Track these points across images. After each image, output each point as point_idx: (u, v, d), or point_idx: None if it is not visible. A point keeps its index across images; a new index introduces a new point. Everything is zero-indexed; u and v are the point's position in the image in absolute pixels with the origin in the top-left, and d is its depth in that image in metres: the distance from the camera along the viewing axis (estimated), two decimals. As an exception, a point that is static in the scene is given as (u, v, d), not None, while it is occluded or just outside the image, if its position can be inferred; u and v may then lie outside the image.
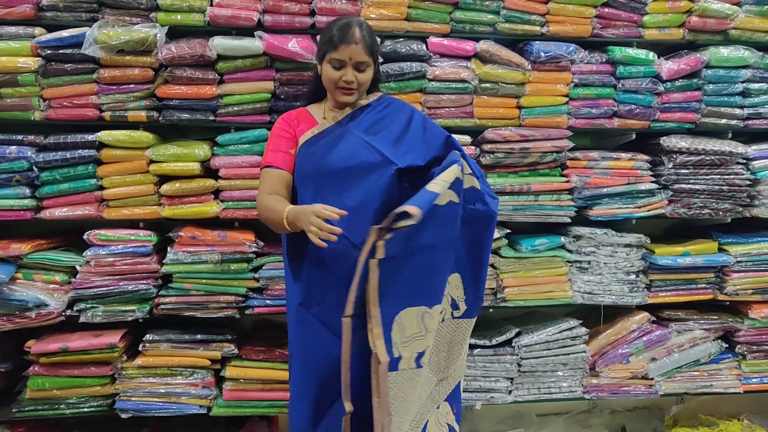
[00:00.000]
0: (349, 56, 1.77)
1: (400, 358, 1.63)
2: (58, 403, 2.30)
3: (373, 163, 1.73)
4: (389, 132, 1.81)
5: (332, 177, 1.74)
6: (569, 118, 2.51)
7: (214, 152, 2.33)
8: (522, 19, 2.45)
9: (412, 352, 1.65)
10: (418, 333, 1.66)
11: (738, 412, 2.96)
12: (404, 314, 1.63)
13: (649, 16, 2.52)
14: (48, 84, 2.23)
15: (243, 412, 2.41)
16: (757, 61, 2.56)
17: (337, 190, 1.73)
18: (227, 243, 2.31)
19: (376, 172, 1.72)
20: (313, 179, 1.78)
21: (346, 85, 1.80)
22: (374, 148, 1.75)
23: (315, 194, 1.75)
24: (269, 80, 2.32)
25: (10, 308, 2.23)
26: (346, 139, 1.80)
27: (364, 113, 1.87)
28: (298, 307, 1.79)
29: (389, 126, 1.83)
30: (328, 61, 1.80)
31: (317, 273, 1.76)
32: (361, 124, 1.83)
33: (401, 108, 1.92)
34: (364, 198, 1.70)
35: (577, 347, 2.54)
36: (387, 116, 1.87)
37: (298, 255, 1.82)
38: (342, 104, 1.87)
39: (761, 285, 2.61)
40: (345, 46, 1.76)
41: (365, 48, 1.78)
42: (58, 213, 2.27)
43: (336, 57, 1.77)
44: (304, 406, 1.78)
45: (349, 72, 1.78)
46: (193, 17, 2.27)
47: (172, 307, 2.32)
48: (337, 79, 1.79)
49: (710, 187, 2.54)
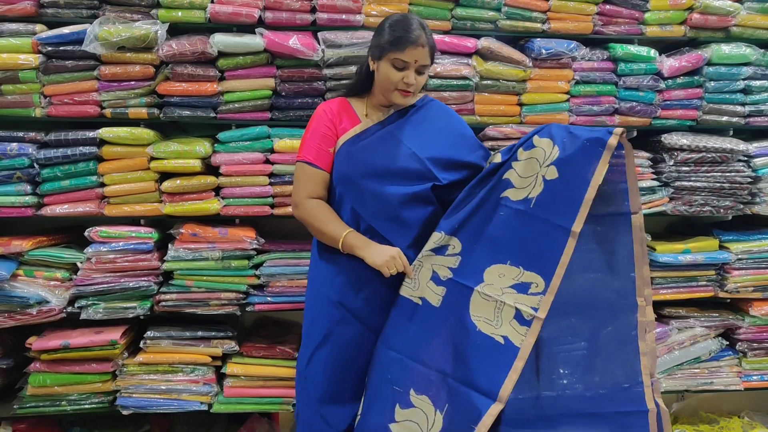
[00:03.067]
0: (415, 59, 1.73)
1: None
2: (60, 399, 2.30)
3: (415, 171, 1.76)
4: (430, 137, 1.82)
5: (373, 181, 1.75)
6: (570, 116, 2.51)
7: (215, 149, 2.33)
8: (523, 16, 2.44)
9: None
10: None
11: (738, 409, 2.95)
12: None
13: (650, 13, 2.52)
14: (49, 81, 2.23)
15: (244, 408, 2.41)
16: (758, 59, 2.55)
17: (376, 194, 1.74)
18: (228, 240, 2.31)
19: (416, 181, 1.75)
20: (352, 181, 1.78)
21: (406, 87, 1.76)
22: (416, 155, 1.77)
23: (354, 197, 1.77)
24: (270, 77, 2.32)
25: (11, 305, 2.24)
26: (390, 142, 1.79)
27: (408, 114, 1.86)
28: (337, 305, 1.79)
29: (430, 130, 1.84)
30: (390, 61, 1.75)
31: (355, 271, 1.78)
32: (404, 127, 1.83)
33: (443, 112, 1.93)
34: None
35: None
36: (428, 119, 1.87)
37: (328, 247, 1.82)
38: (391, 104, 1.85)
39: (762, 282, 2.61)
40: (413, 48, 1.72)
41: (429, 51, 1.76)
42: (59, 210, 2.28)
43: (401, 58, 1.73)
44: (328, 394, 1.80)
45: (411, 74, 1.75)
46: (194, 14, 2.27)
47: (173, 304, 2.32)
48: (398, 81, 1.75)
49: (711, 184, 2.53)
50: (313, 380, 1.82)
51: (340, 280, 1.80)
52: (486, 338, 1.64)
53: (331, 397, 1.80)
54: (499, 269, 1.67)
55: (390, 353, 1.73)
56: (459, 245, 1.72)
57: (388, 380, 1.71)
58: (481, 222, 1.71)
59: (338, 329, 1.79)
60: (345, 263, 1.79)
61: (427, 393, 1.67)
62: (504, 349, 1.62)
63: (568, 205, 1.61)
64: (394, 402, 1.69)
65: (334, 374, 1.80)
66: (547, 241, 1.62)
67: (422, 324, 1.71)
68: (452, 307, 1.69)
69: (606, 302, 1.68)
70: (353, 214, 1.79)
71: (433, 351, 1.69)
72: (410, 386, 1.68)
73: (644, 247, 1.67)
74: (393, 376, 1.70)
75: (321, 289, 1.85)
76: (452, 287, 1.70)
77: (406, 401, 1.68)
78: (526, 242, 1.65)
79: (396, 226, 1.76)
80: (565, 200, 1.61)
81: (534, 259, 1.64)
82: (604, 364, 1.69)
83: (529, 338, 1.60)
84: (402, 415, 1.68)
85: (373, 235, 1.77)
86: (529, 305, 1.62)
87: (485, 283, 1.67)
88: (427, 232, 1.79)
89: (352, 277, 1.79)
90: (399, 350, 1.72)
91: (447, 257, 1.72)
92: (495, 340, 1.63)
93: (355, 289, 1.79)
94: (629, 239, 1.66)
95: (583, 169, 1.60)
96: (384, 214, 1.76)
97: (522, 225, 1.66)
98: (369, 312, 1.79)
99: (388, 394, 1.70)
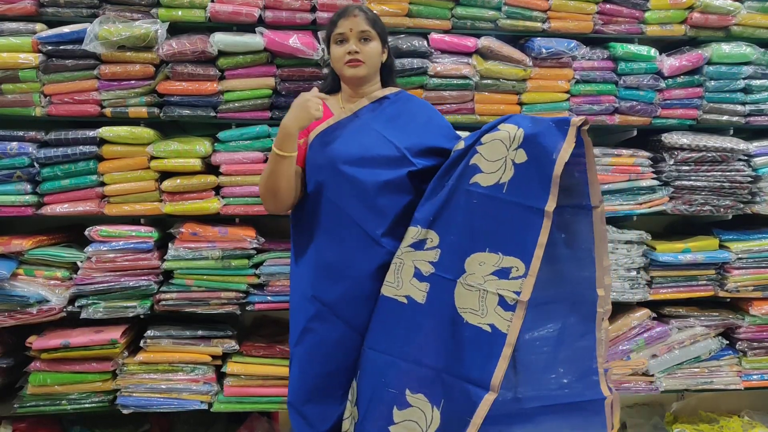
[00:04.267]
0: (350, 27, 1.77)
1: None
2: (60, 399, 2.30)
3: (390, 158, 1.74)
4: (408, 129, 1.81)
5: (348, 168, 1.74)
6: (570, 115, 2.51)
7: (215, 148, 2.33)
8: (523, 15, 2.44)
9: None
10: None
11: (738, 408, 2.96)
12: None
13: (650, 12, 2.51)
14: (49, 80, 2.23)
15: (244, 407, 2.41)
16: (759, 58, 2.55)
17: (351, 182, 1.73)
18: (228, 239, 2.31)
19: (392, 167, 1.73)
20: (327, 170, 1.76)
21: (351, 56, 1.77)
22: (392, 143, 1.75)
23: (330, 186, 1.75)
24: (270, 76, 2.32)
25: (12, 304, 2.24)
26: (364, 131, 1.79)
27: (383, 106, 1.85)
28: (312, 300, 1.77)
29: (409, 123, 1.83)
30: (333, 42, 1.80)
31: (330, 262, 1.76)
32: (379, 118, 1.82)
33: (421, 105, 1.92)
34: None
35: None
36: (406, 112, 1.86)
37: (305, 242, 1.81)
38: (354, 83, 1.84)
39: (762, 282, 2.61)
40: (344, 19, 1.77)
41: (366, 19, 1.78)
42: (59, 209, 2.28)
43: (338, 31, 1.78)
44: (309, 394, 1.78)
45: (353, 44, 1.77)
46: (194, 13, 2.27)
47: (173, 304, 2.32)
48: (343, 54, 1.78)
49: (711, 183, 2.53)
50: (292, 378, 1.81)
51: (315, 273, 1.78)
52: (473, 329, 1.64)
53: (310, 395, 1.77)
54: (479, 257, 1.66)
55: (382, 357, 1.72)
56: (437, 238, 1.71)
57: (382, 384, 1.70)
58: (455, 212, 1.70)
59: (314, 325, 1.77)
60: (318, 256, 1.77)
61: (423, 391, 1.67)
62: (492, 337, 1.62)
63: (539, 187, 1.61)
64: (392, 404, 1.69)
65: (312, 371, 1.77)
66: (522, 224, 1.63)
67: (410, 323, 1.70)
68: (438, 301, 1.69)
69: (569, 293, 1.71)
70: (329, 203, 1.76)
71: (424, 348, 1.69)
72: (405, 386, 1.68)
73: (605, 240, 1.70)
74: (387, 379, 1.70)
75: (299, 286, 1.83)
76: (435, 282, 1.70)
77: (403, 402, 1.68)
78: (502, 228, 1.66)
79: (372, 214, 1.74)
80: (537, 182, 1.62)
81: (512, 244, 1.64)
82: (568, 354, 1.71)
83: (515, 322, 1.61)
84: (400, 416, 1.68)
85: (350, 223, 1.74)
86: (511, 290, 1.62)
87: (467, 273, 1.67)
88: (403, 221, 1.76)
89: (326, 271, 1.76)
90: (390, 353, 1.71)
91: (426, 251, 1.71)
92: (482, 329, 1.63)
93: (330, 282, 1.76)
94: (590, 232, 1.69)
95: (550, 148, 1.61)
96: (360, 202, 1.74)
97: (496, 211, 1.66)
98: (346, 307, 1.76)
99: (384, 398, 1.70)
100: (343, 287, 1.75)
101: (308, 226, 1.80)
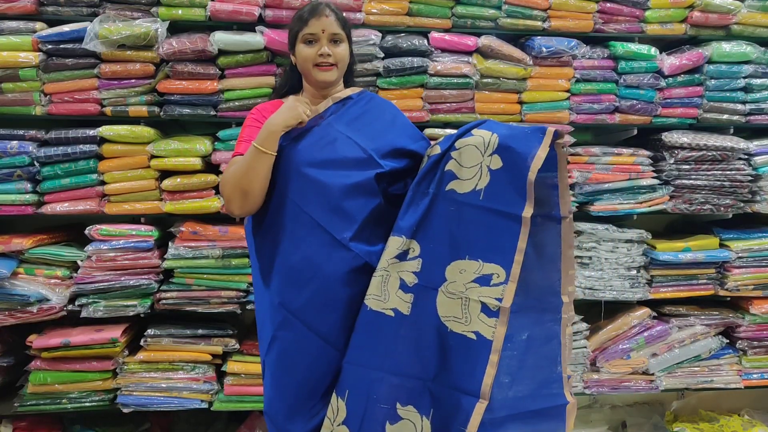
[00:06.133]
0: (322, 28, 1.70)
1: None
2: (60, 397, 2.30)
3: (357, 160, 1.70)
4: (372, 129, 1.76)
5: (313, 171, 1.69)
6: (571, 114, 2.51)
7: (215, 147, 2.33)
8: (523, 14, 2.44)
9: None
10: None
11: (738, 407, 2.96)
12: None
13: (650, 11, 2.51)
14: (49, 79, 2.23)
15: (244, 406, 2.41)
16: (759, 57, 2.55)
17: (316, 184, 1.69)
18: (228, 238, 2.31)
19: (358, 170, 1.69)
20: (291, 173, 1.70)
21: (323, 60, 1.72)
22: (358, 145, 1.71)
23: (294, 189, 1.69)
24: (270, 75, 2.32)
25: (12, 303, 2.24)
26: (327, 133, 1.73)
27: (346, 107, 1.80)
28: (279, 307, 1.71)
29: (372, 123, 1.78)
30: (301, 41, 1.72)
31: (295, 267, 1.69)
32: (343, 118, 1.77)
33: (384, 105, 1.87)
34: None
35: (577, 342, 2.54)
36: (369, 111, 1.81)
37: (267, 248, 1.74)
38: (322, 86, 1.78)
39: (762, 281, 2.61)
40: (316, 19, 1.70)
41: (337, 21, 1.72)
42: (60, 208, 2.28)
43: (308, 31, 1.70)
44: (282, 405, 1.74)
45: (324, 45, 1.71)
46: (194, 12, 2.27)
47: (174, 302, 2.32)
48: (313, 55, 1.71)
49: (712, 182, 2.53)
50: (265, 387, 1.77)
51: (280, 279, 1.71)
52: (458, 337, 1.64)
53: (282, 404, 1.73)
54: (459, 265, 1.65)
55: (371, 373, 1.68)
56: (418, 248, 1.70)
57: (374, 400, 1.68)
58: (434, 220, 1.68)
59: (281, 333, 1.71)
60: (283, 261, 1.71)
61: (412, 402, 1.66)
62: (478, 345, 1.61)
63: (515, 193, 1.61)
64: (384, 420, 1.67)
65: (281, 381, 1.73)
66: (501, 230, 1.62)
67: (397, 335, 1.68)
68: (422, 312, 1.67)
69: (536, 299, 1.71)
70: (294, 207, 1.70)
71: (412, 360, 1.67)
72: (396, 400, 1.67)
73: (572, 250, 1.71)
74: (378, 395, 1.68)
75: (264, 294, 1.77)
76: (419, 292, 1.68)
77: (395, 416, 1.67)
78: (481, 235, 1.64)
79: (338, 218, 1.68)
80: (513, 188, 1.61)
81: (491, 251, 1.63)
82: (535, 361, 1.71)
83: (500, 329, 1.60)
84: (392, 430, 1.68)
85: (314, 227, 1.68)
86: (493, 296, 1.61)
87: (448, 282, 1.66)
88: (371, 224, 1.72)
89: (291, 276, 1.70)
90: (379, 368, 1.68)
91: (409, 262, 1.70)
92: (467, 337, 1.63)
93: (296, 288, 1.69)
94: (558, 242, 1.69)
95: (524, 154, 1.60)
96: (326, 205, 1.67)
97: (474, 218, 1.65)
98: (313, 313, 1.69)
99: (376, 415, 1.68)
100: (309, 292, 1.69)
101: (272, 227, 1.74)
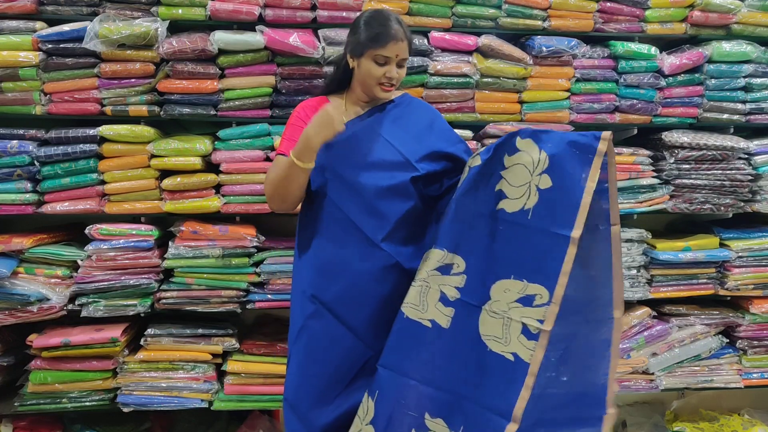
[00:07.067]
0: (396, 53, 1.74)
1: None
2: (60, 397, 2.31)
3: (393, 163, 1.75)
4: (410, 132, 1.81)
5: (350, 172, 1.74)
6: (571, 113, 2.51)
7: (215, 147, 2.33)
8: (524, 13, 2.44)
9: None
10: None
11: (738, 407, 2.96)
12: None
13: (651, 10, 2.51)
14: (49, 78, 2.23)
15: (244, 406, 2.41)
16: (759, 56, 2.55)
17: (353, 185, 1.74)
18: (228, 237, 2.31)
19: (394, 172, 1.74)
20: (329, 173, 1.77)
21: (389, 81, 1.77)
22: (395, 148, 1.76)
23: (332, 189, 1.76)
24: (270, 75, 2.31)
25: (12, 302, 2.24)
26: (368, 135, 1.79)
27: (386, 109, 1.85)
28: (311, 298, 1.77)
29: (410, 126, 1.83)
30: (371, 58, 1.75)
31: (329, 261, 1.76)
32: (383, 121, 1.82)
33: (423, 108, 1.92)
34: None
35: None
36: (408, 114, 1.86)
37: (307, 239, 1.81)
38: (372, 99, 1.85)
39: (762, 280, 2.61)
40: (393, 43, 1.73)
41: (408, 45, 1.78)
42: (60, 207, 2.28)
43: (383, 54, 1.73)
44: (308, 392, 1.78)
45: (393, 69, 1.76)
46: (194, 11, 2.27)
47: (174, 302, 2.33)
48: (380, 76, 1.75)
49: (712, 182, 2.53)
50: (289, 374, 1.82)
51: (314, 272, 1.78)
52: (497, 357, 1.63)
53: (306, 393, 1.78)
54: (504, 284, 1.65)
55: (402, 379, 1.71)
56: (463, 263, 1.71)
57: (402, 406, 1.70)
58: (481, 238, 1.69)
59: (310, 323, 1.77)
60: (318, 255, 1.78)
61: (442, 415, 1.67)
62: (514, 367, 1.60)
63: (565, 213, 1.59)
64: (410, 428, 1.68)
65: (309, 369, 1.78)
66: (547, 250, 1.61)
67: (433, 347, 1.70)
68: (462, 327, 1.68)
69: (584, 312, 1.68)
70: (332, 205, 1.77)
71: (446, 373, 1.68)
72: (425, 410, 1.68)
73: (620, 261, 1.67)
74: (407, 402, 1.69)
75: (299, 283, 1.84)
76: (460, 307, 1.69)
77: (422, 425, 1.68)
78: (527, 254, 1.64)
79: (373, 219, 1.74)
80: (562, 208, 1.60)
81: (537, 271, 1.62)
82: (578, 372, 1.69)
83: (538, 352, 1.58)
84: None
85: (350, 226, 1.75)
86: (535, 318, 1.60)
87: (492, 300, 1.66)
88: (405, 226, 1.77)
89: (325, 269, 1.77)
90: (412, 375, 1.70)
91: (453, 276, 1.71)
92: (505, 357, 1.62)
93: (328, 281, 1.76)
94: (608, 253, 1.65)
95: (576, 175, 1.59)
96: (361, 206, 1.74)
97: (522, 237, 1.64)
98: (343, 306, 1.76)
99: (403, 420, 1.69)
100: (341, 286, 1.76)
101: (312, 223, 1.81)
